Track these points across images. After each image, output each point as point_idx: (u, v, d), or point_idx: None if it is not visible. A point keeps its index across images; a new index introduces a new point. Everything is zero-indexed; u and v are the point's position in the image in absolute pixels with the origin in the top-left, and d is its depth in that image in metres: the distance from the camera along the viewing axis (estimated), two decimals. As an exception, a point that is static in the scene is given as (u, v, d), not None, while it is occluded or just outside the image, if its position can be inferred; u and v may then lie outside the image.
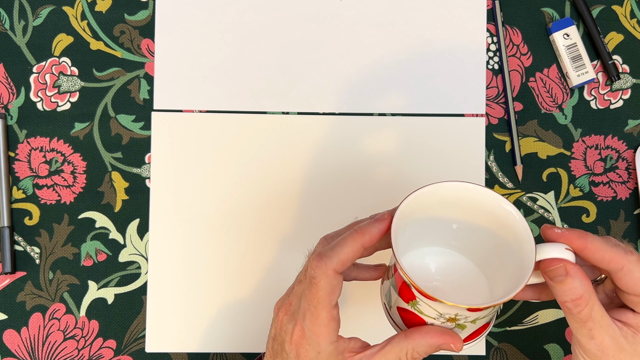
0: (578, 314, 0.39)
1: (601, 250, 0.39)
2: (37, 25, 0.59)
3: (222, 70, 0.59)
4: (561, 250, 0.39)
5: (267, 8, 0.59)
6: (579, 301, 0.38)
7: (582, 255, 0.39)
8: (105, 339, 0.58)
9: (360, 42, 0.59)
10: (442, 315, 0.39)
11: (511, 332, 0.58)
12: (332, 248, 0.40)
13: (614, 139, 0.59)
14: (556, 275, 0.39)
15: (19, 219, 0.58)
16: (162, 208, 0.58)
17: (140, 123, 0.59)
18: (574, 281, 0.38)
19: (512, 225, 0.41)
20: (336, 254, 0.39)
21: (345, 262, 0.39)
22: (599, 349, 0.39)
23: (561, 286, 0.38)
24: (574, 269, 0.38)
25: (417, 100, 0.59)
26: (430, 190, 0.41)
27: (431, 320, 0.40)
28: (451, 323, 0.40)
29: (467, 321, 0.40)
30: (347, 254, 0.39)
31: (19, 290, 0.58)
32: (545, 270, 0.39)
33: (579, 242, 0.39)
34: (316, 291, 0.39)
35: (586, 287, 0.38)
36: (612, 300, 0.42)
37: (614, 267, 0.39)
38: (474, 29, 0.59)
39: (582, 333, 0.39)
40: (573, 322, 0.39)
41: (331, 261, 0.39)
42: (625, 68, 0.59)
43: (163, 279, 0.58)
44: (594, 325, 0.39)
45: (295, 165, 0.58)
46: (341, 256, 0.39)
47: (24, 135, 0.58)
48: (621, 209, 0.58)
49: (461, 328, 0.40)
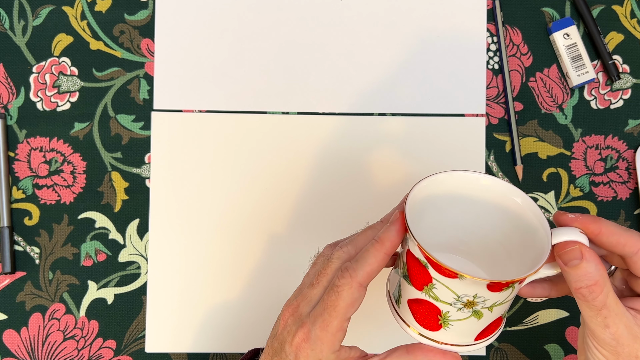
0: (593, 301, 0.38)
1: (616, 234, 0.38)
2: (36, 25, 0.59)
3: (222, 70, 0.59)
4: (576, 234, 0.38)
5: (267, 8, 0.59)
6: (594, 287, 0.37)
7: (597, 240, 0.39)
8: (105, 339, 0.58)
9: (360, 42, 0.59)
10: (460, 298, 0.38)
11: (511, 333, 0.58)
12: (357, 261, 0.40)
13: (614, 139, 0.59)
14: (571, 258, 0.38)
15: (19, 219, 0.58)
16: (161, 208, 0.58)
17: (140, 123, 0.59)
18: (589, 265, 0.37)
19: (525, 213, 0.41)
20: (361, 267, 0.39)
21: (370, 274, 0.39)
22: (613, 337, 0.38)
23: (576, 271, 0.38)
24: (590, 252, 0.38)
25: (417, 100, 0.59)
26: (441, 179, 0.41)
27: (447, 308, 0.39)
28: (468, 309, 0.38)
29: (485, 307, 0.38)
30: (371, 266, 0.39)
31: (19, 290, 0.58)
32: (560, 253, 0.38)
33: (593, 227, 0.39)
34: (336, 299, 0.39)
35: (601, 272, 0.38)
36: (623, 292, 0.42)
37: (629, 250, 0.38)
38: (474, 28, 0.59)
39: (597, 322, 0.38)
40: (587, 310, 0.38)
41: (357, 274, 0.39)
42: (626, 68, 0.59)
43: (163, 279, 0.58)
44: (609, 314, 0.38)
45: (295, 165, 0.58)
46: (366, 268, 0.39)
47: (24, 135, 0.58)
48: (621, 209, 0.58)
49: (478, 317, 0.39)
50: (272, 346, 0.42)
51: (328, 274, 0.41)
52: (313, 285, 0.41)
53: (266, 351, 0.43)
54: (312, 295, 0.41)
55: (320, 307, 0.40)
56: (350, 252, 0.41)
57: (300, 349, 0.40)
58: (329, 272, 0.41)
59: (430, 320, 0.40)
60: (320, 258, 0.43)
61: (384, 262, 0.40)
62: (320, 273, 0.41)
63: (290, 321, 0.41)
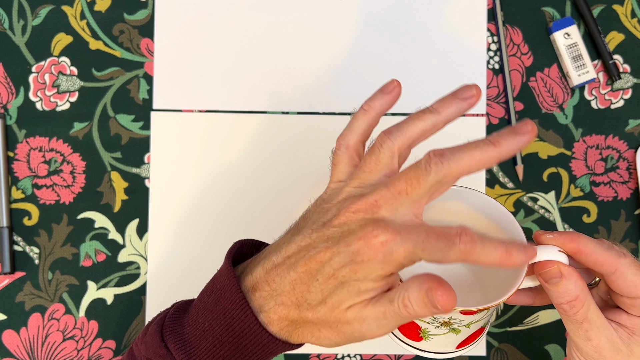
0: (574, 316, 0.39)
1: (594, 253, 0.39)
2: (36, 24, 0.59)
3: (221, 69, 0.59)
4: (554, 253, 0.39)
5: (267, 7, 0.59)
6: (574, 302, 0.38)
7: (576, 258, 0.40)
8: (105, 340, 0.58)
9: (360, 42, 0.59)
10: (436, 319, 0.39)
11: (512, 333, 0.58)
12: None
13: (615, 139, 0.59)
14: (551, 277, 0.39)
15: (18, 219, 0.58)
16: (161, 208, 0.58)
17: (139, 123, 0.59)
18: (568, 282, 0.38)
19: (504, 228, 0.41)
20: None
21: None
22: (595, 350, 0.39)
23: (556, 288, 0.39)
24: (568, 270, 0.38)
25: (417, 99, 0.59)
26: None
27: (425, 325, 0.40)
28: (445, 327, 0.40)
29: (462, 325, 0.40)
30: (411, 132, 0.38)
31: (18, 290, 0.58)
32: (539, 272, 0.39)
33: (571, 245, 0.39)
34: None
35: (581, 288, 0.38)
36: (607, 302, 0.42)
37: (607, 270, 0.39)
38: (474, 28, 0.59)
39: (579, 335, 0.39)
40: (569, 324, 0.39)
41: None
42: (626, 68, 0.59)
43: (162, 279, 0.58)
44: (590, 327, 0.39)
45: (295, 165, 0.58)
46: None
47: (23, 135, 0.58)
48: (622, 209, 0.58)
49: (456, 333, 0.40)
50: (323, 231, 0.36)
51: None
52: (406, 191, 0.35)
53: (304, 233, 0.37)
54: (399, 203, 0.35)
55: (418, 232, 0.33)
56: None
57: (372, 250, 0.33)
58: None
59: (412, 333, 0.42)
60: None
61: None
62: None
63: (363, 216, 0.35)
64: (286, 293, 0.36)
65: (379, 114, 0.40)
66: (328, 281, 0.35)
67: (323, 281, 0.35)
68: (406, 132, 0.37)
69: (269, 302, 0.37)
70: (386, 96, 0.40)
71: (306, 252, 0.36)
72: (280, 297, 0.36)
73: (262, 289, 0.37)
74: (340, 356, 0.58)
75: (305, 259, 0.35)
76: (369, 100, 0.41)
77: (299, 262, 0.36)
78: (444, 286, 0.32)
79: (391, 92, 0.41)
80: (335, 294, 0.35)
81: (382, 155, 0.37)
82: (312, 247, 0.36)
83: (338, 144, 0.40)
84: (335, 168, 0.40)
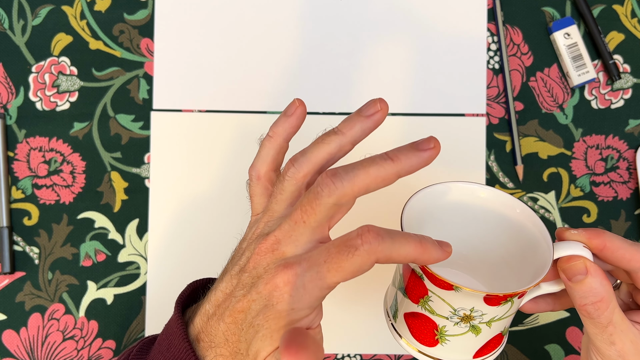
0: (598, 318, 0.37)
1: (621, 248, 0.37)
2: (36, 24, 0.59)
3: (222, 69, 0.59)
4: (579, 248, 0.37)
5: (267, 8, 0.59)
6: (599, 303, 0.36)
7: (601, 255, 0.38)
8: (105, 340, 0.58)
9: (360, 42, 0.59)
10: (456, 311, 0.37)
11: (512, 333, 0.58)
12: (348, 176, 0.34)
13: (615, 139, 0.59)
14: (575, 273, 0.37)
15: (18, 219, 0.58)
16: (161, 208, 0.58)
17: (139, 123, 0.59)
18: (594, 280, 0.36)
19: (527, 226, 0.40)
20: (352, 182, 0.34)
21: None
22: (619, 354, 0.37)
23: (581, 287, 0.36)
24: (594, 267, 0.36)
25: (417, 99, 0.59)
26: (439, 190, 0.40)
27: (443, 322, 0.38)
28: (465, 324, 0.37)
29: (483, 321, 0.37)
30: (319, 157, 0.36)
31: (18, 290, 0.58)
32: (563, 267, 0.37)
33: (597, 241, 0.37)
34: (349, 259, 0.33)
35: (607, 288, 0.36)
36: (629, 306, 0.41)
37: (635, 265, 0.37)
38: (474, 28, 0.59)
39: (602, 339, 0.37)
40: (592, 327, 0.37)
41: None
42: (626, 68, 0.59)
43: (162, 279, 0.58)
44: (615, 330, 0.37)
45: (295, 165, 0.58)
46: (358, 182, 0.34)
47: (23, 135, 0.58)
48: (622, 209, 0.58)
49: (476, 332, 0.38)
50: (240, 278, 0.36)
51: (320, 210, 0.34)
52: (299, 222, 0.35)
53: (226, 280, 0.37)
54: (298, 234, 0.35)
55: (318, 255, 0.33)
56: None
57: (279, 292, 0.33)
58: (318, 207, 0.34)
59: (427, 335, 0.39)
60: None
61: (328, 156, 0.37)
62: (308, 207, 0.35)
63: (269, 257, 0.35)
64: (222, 345, 0.36)
65: (285, 139, 0.40)
66: (249, 330, 0.34)
67: (246, 330, 0.35)
68: (311, 157, 0.37)
69: (210, 353, 0.37)
70: (289, 119, 0.40)
71: (229, 302, 0.36)
72: (218, 349, 0.36)
73: (202, 339, 0.37)
74: (340, 356, 0.58)
75: (230, 309, 0.35)
76: (273, 126, 0.40)
77: (225, 313, 0.36)
78: (293, 345, 0.29)
79: (293, 114, 0.40)
80: (253, 344, 0.34)
81: (286, 184, 0.37)
82: (233, 295, 0.36)
83: (250, 175, 0.40)
84: (252, 200, 0.40)
